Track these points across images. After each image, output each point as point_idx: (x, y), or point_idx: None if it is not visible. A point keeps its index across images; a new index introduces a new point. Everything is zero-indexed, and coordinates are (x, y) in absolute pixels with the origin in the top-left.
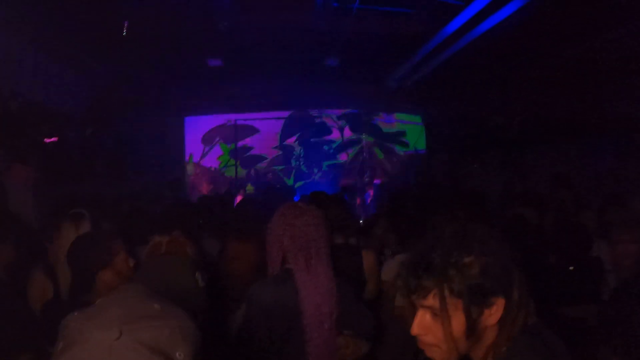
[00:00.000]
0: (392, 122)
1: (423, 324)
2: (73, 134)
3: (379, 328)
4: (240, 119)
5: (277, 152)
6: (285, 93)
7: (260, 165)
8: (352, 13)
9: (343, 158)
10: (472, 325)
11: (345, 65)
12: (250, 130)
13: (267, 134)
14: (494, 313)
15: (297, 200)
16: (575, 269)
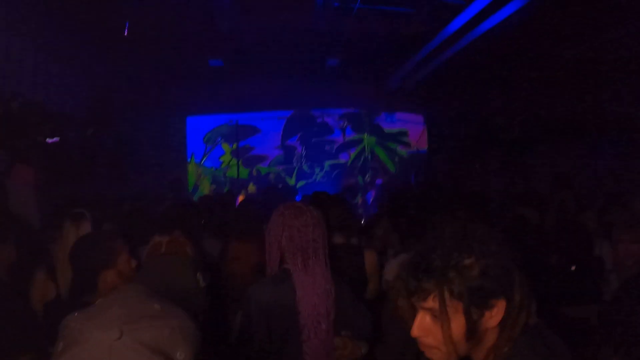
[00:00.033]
0: (393, 121)
1: (423, 326)
2: (74, 134)
3: (381, 328)
4: (242, 119)
5: (278, 152)
6: (287, 93)
7: (262, 165)
8: (352, 13)
9: (345, 158)
10: (472, 328)
11: (347, 65)
12: (252, 130)
13: (268, 134)
14: (495, 315)
15: (297, 201)
16: (577, 269)
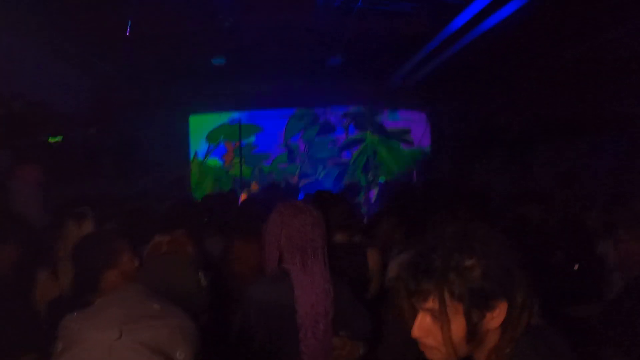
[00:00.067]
0: (396, 120)
1: (423, 327)
2: (76, 134)
3: (382, 327)
4: (245, 117)
5: (281, 150)
6: (289, 91)
7: (264, 164)
8: (353, 12)
9: (347, 156)
10: (472, 329)
11: (349, 64)
12: (255, 129)
13: (271, 132)
14: (496, 316)
15: (299, 199)
16: (579, 268)
